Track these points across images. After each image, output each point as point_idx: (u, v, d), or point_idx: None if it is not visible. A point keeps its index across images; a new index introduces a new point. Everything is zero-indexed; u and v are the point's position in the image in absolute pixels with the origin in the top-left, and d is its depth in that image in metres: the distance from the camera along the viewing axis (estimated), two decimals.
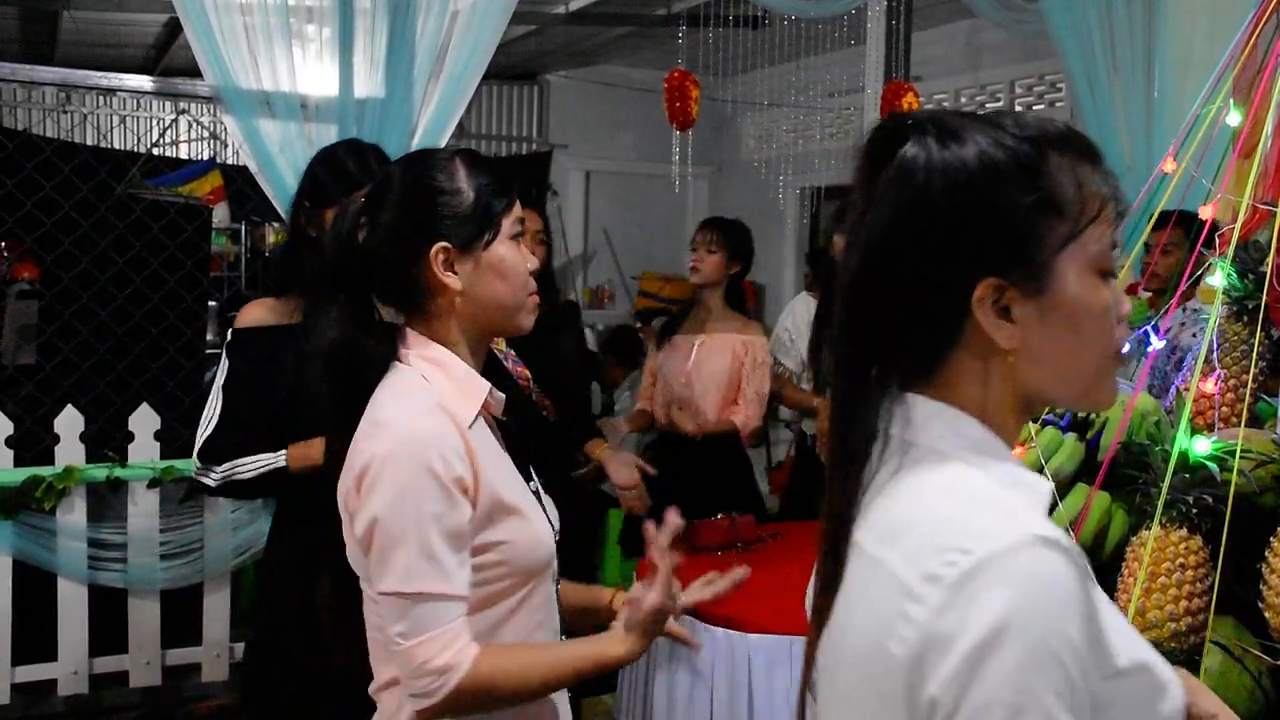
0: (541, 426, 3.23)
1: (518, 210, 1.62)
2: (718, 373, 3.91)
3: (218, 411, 2.33)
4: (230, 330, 2.40)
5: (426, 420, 1.49)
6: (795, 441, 4.16)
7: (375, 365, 1.55)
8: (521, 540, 1.55)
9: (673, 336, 4.01)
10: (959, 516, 0.93)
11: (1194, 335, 4.01)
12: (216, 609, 4.18)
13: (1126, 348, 1.90)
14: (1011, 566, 0.87)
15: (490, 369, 1.66)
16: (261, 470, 2.28)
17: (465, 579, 1.48)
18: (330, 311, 1.56)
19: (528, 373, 3.23)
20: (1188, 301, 3.83)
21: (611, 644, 1.63)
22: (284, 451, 2.28)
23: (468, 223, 1.56)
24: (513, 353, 3.21)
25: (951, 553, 0.89)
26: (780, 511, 4.10)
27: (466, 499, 1.48)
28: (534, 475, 1.70)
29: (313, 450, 2.19)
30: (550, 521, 1.67)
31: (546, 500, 1.70)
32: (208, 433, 2.32)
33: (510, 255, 1.60)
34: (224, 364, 2.38)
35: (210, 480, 2.31)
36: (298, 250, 2.39)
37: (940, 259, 0.96)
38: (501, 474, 1.57)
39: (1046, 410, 1.70)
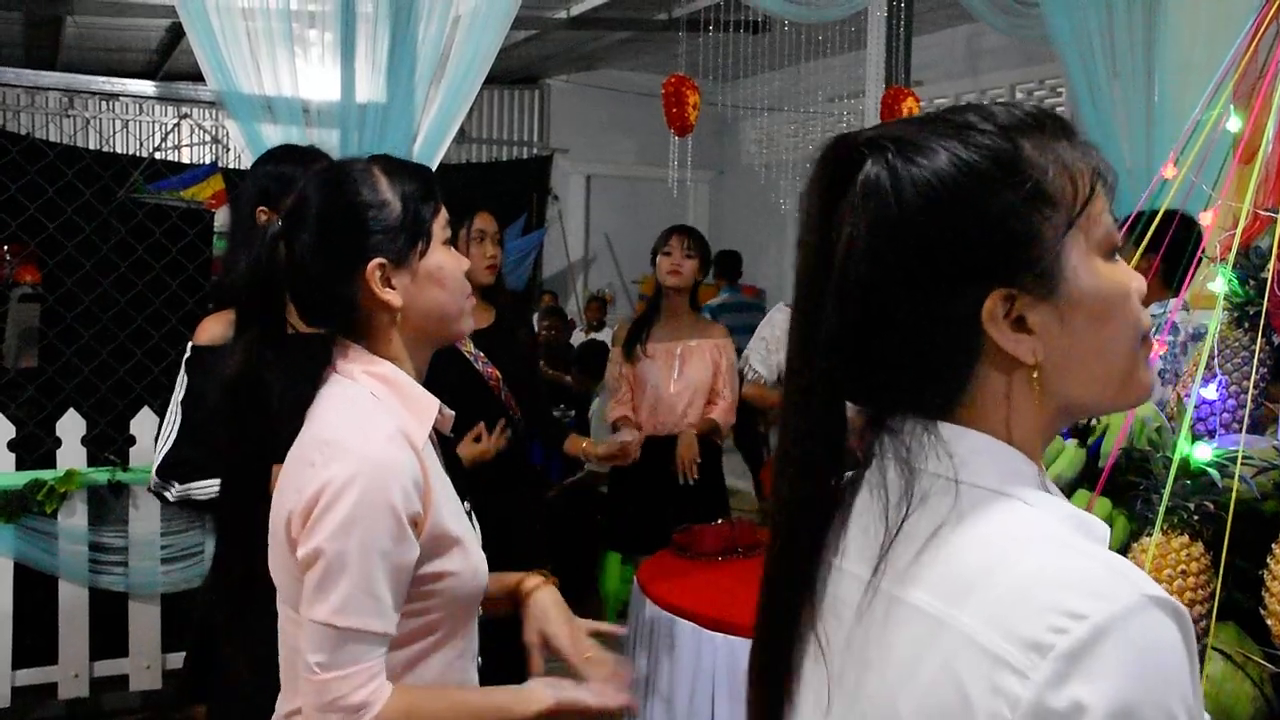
0: (517, 434, 3.29)
1: (445, 214, 1.57)
2: (702, 381, 4.01)
3: (176, 428, 2.33)
4: (189, 346, 2.37)
5: (388, 449, 1.42)
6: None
7: (279, 393, 1.48)
8: (462, 572, 1.50)
9: (644, 344, 4.01)
10: (1049, 572, 0.80)
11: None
12: None
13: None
14: (1130, 634, 0.75)
15: (464, 372, 1.64)
16: (214, 495, 2.20)
17: (395, 618, 1.43)
18: (239, 340, 1.48)
19: (498, 373, 3.27)
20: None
21: (525, 703, 1.53)
22: None
23: (400, 234, 1.50)
24: (482, 354, 3.25)
25: (1059, 616, 0.76)
26: None
27: (416, 536, 1.43)
28: (466, 494, 1.63)
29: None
30: (479, 543, 1.62)
31: (474, 521, 1.64)
32: (166, 448, 2.33)
33: (448, 262, 1.55)
34: (182, 380, 2.36)
35: (169, 495, 2.34)
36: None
37: (935, 281, 0.86)
38: (447, 501, 1.52)
39: (1085, 419, 1.69)
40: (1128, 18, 4.10)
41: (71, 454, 3.91)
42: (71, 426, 3.92)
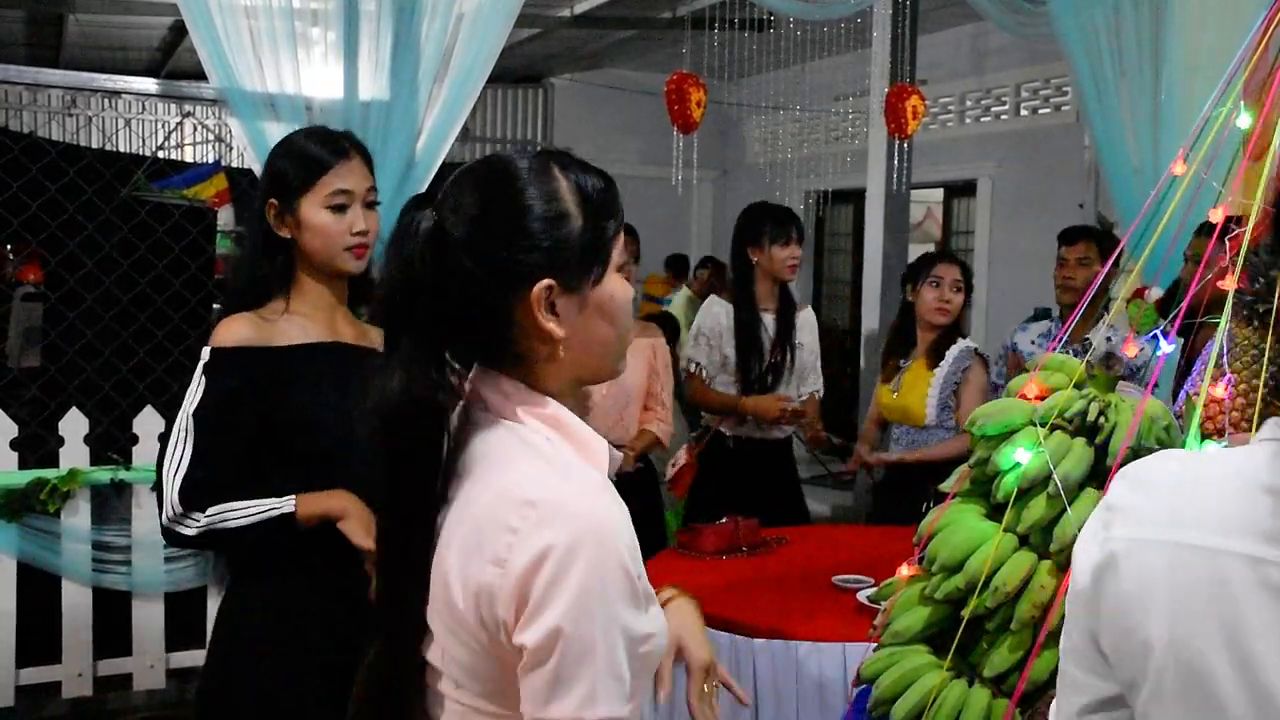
0: None
1: (623, 234, 1.31)
2: (637, 385, 3.84)
3: (190, 445, 2.04)
4: (206, 350, 2.10)
5: (605, 503, 1.19)
6: (710, 439, 4.17)
7: (450, 424, 1.26)
8: (659, 634, 1.25)
9: None
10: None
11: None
12: None
13: (1135, 351, 1.89)
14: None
15: None
16: (258, 518, 2.01)
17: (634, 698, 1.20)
18: (391, 357, 1.23)
19: None
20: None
21: None
22: (291, 498, 2.03)
23: (576, 254, 1.24)
24: None
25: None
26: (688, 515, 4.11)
27: (647, 605, 1.21)
28: None
29: (332, 502, 2.04)
30: None
31: None
32: (182, 470, 2.02)
33: (620, 292, 1.29)
34: (199, 388, 2.07)
35: (189, 529, 2.03)
36: (271, 255, 2.15)
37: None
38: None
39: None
40: (1134, 16, 4.09)
41: (74, 453, 3.91)
42: (74, 425, 3.91)
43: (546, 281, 1.21)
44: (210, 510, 2.01)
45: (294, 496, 2.03)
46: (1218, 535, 0.91)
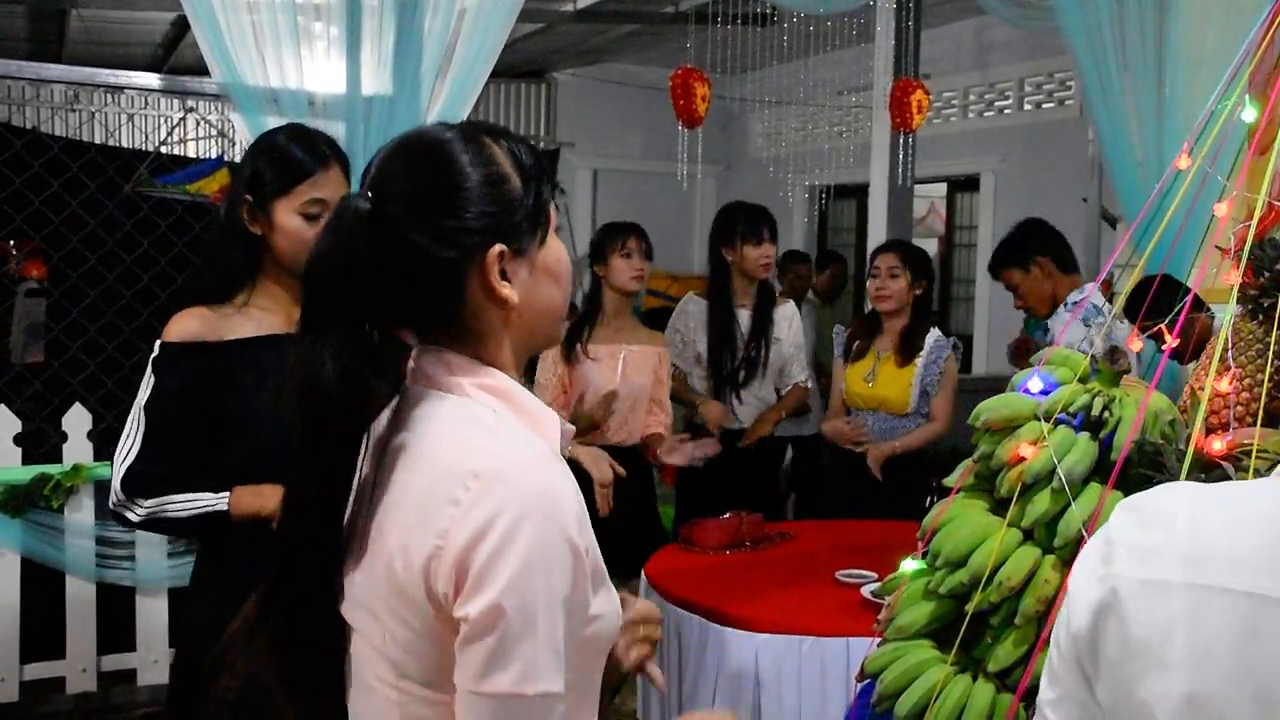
0: None
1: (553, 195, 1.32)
2: (644, 387, 3.88)
3: (140, 437, 2.09)
4: (158, 344, 2.15)
5: (551, 474, 1.15)
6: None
7: (383, 404, 1.26)
8: (609, 614, 1.22)
9: (584, 345, 3.86)
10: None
11: (1081, 320, 3.95)
12: None
13: (1138, 345, 1.88)
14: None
15: None
16: (196, 511, 2.06)
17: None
18: (321, 342, 1.19)
19: None
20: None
21: None
22: (226, 495, 2.07)
23: (522, 217, 1.23)
24: None
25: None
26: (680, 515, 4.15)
27: (590, 577, 1.17)
28: None
29: (264, 500, 2.04)
30: None
31: None
32: (129, 461, 2.08)
33: (562, 253, 1.29)
34: (148, 381, 2.12)
35: (133, 515, 2.08)
36: (240, 247, 2.17)
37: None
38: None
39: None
40: (1138, 10, 4.08)
41: (78, 448, 3.91)
42: (78, 421, 3.92)
43: (499, 247, 1.21)
44: (151, 501, 2.07)
45: (229, 493, 2.06)
46: (1246, 576, 0.82)
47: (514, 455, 1.16)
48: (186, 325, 2.13)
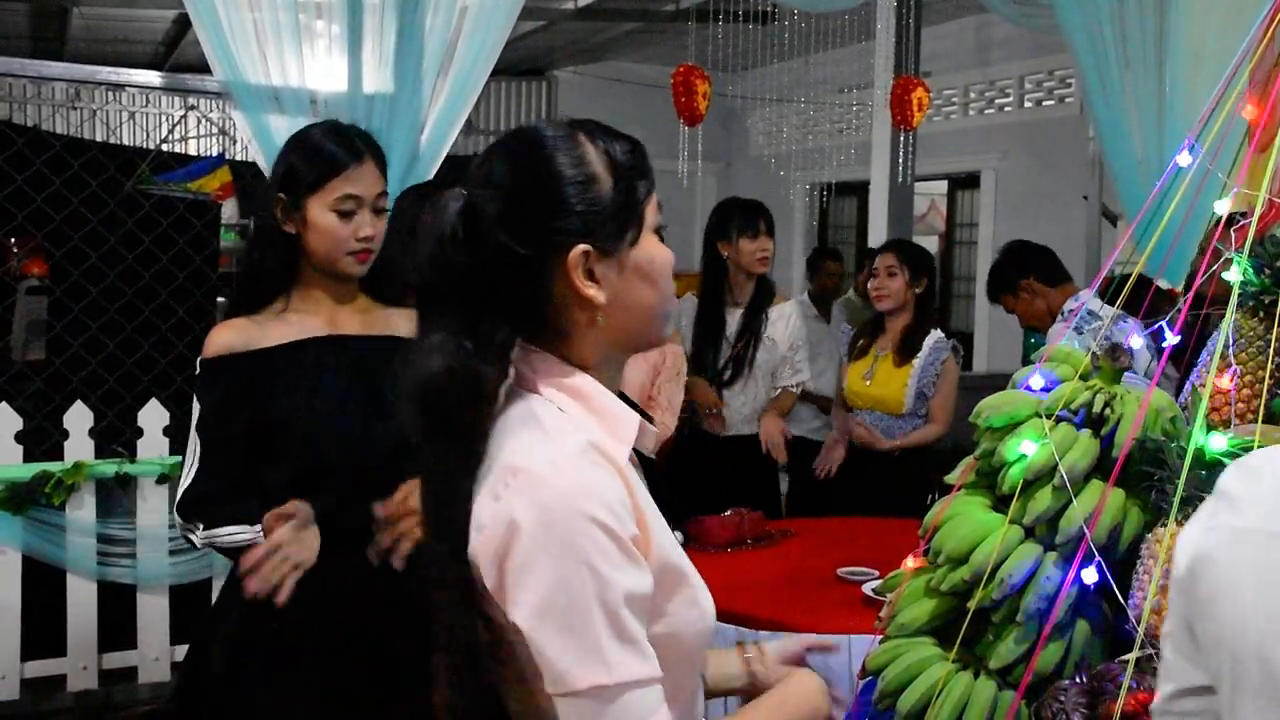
0: None
1: (655, 196, 1.30)
2: (641, 385, 3.82)
3: (196, 459, 2.10)
4: (198, 362, 2.14)
5: (582, 466, 1.16)
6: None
7: (496, 398, 1.24)
8: (688, 615, 1.24)
9: None
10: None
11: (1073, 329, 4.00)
12: None
13: (1140, 343, 1.89)
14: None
15: None
16: (238, 544, 2.04)
17: (654, 656, 1.16)
18: (427, 339, 1.21)
19: None
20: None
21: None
22: (259, 527, 2.03)
23: (609, 217, 1.23)
24: None
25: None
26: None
27: (644, 562, 1.17)
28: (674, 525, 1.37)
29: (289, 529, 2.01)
30: None
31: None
32: (186, 483, 2.10)
33: (659, 254, 1.28)
34: (195, 402, 2.12)
35: (195, 539, 2.10)
36: (275, 249, 2.14)
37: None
38: (663, 529, 1.26)
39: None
40: (1138, 7, 4.08)
41: (79, 446, 3.91)
42: (79, 418, 3.92)
43: (582, 247, 1.21)
44: (204, 533, 2.06)
45: (261, 525, 2.02)
46: None
47: (554, 453, 1.17)
48: (222, 338, 2.11)
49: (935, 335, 4.04)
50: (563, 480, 1.14)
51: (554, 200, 1.21)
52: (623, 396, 1.33)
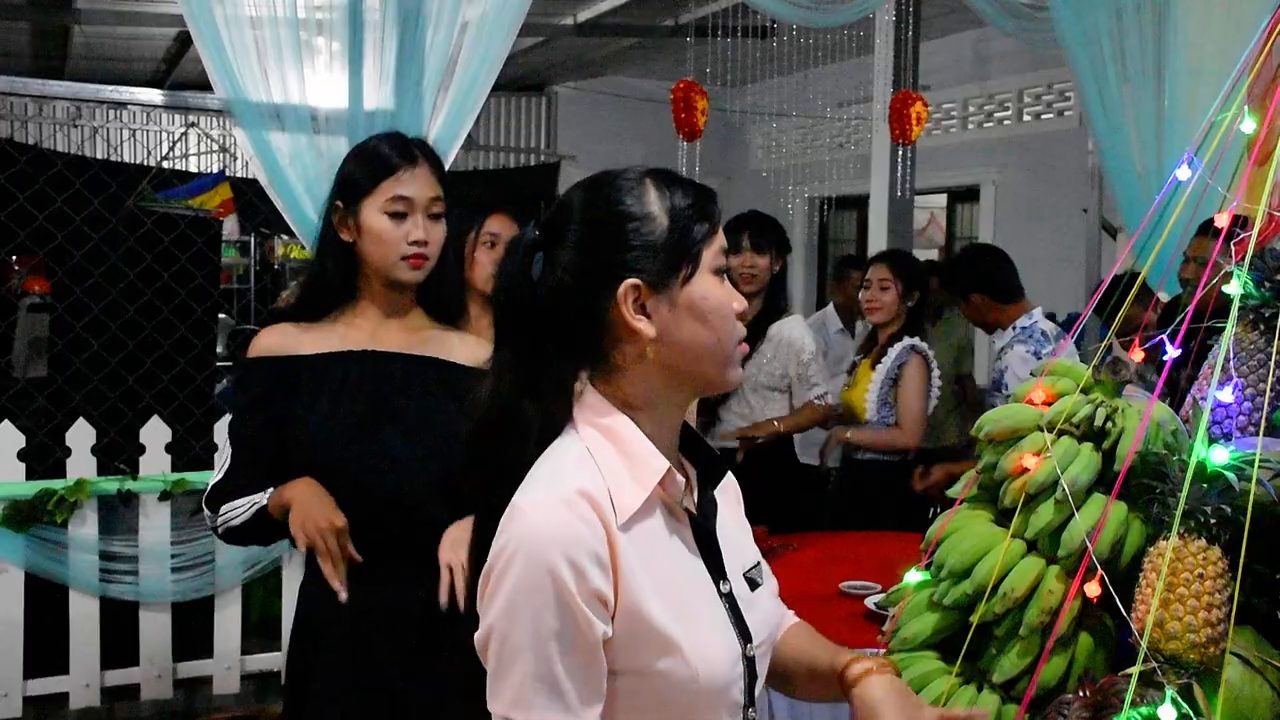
0: None
1: (721, 240, 1.34)
2: None
3: (229, 455, 2.15)
4: (242, 360, 2.20)
5: (558, 513, 1.21)
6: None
7: (536, 434, 1.30)
8: (675, 673, 1.25)
9: None
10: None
11: (1030, 353, 3.98)
12: (228, 622, 4.18)
13: (1140, 356, 1.89)
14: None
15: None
16: (247, 514, 2.09)
17: (596, 705, 1.23)
18: (495, 369, 1.31)
19: None
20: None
21: None
22: (268, 490, 2.08)
23: (661, 253, 1.29)
24: None
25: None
26: None
27: (602, 615, 1.21)
28: (728, 573, 1.38)
29: (289, 491, 2.05)
30: (745, 631, 1.36)
31: (751, 600, 1.40)
32: (217, 478, 2.15)
33: (714, 293, 1.31)
34: (234, 400, 2.24)
35: (218, 529, 2.15)
36: (334, 258, 2.15)
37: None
38: (664, 586, 1.27)
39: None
40: (1137, 21, 4.10)
41: (81, 463, 3.92)
42: (81, 436, 3.92)
43: (632, 281, 1.27)
44: (221, 512, 2.11)
45: (271, 489, 2.07)
46: None
47: (542, 491, 1.24)
48: (264, 340, 2.14)
49: (904, 342, 3.97)
50: (535, 522, 1.21)
51: (610, 235, 1.29)
52: (689, 432, 1.41)
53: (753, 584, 1.42)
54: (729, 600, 1.35)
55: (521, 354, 1.30)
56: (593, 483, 1.24)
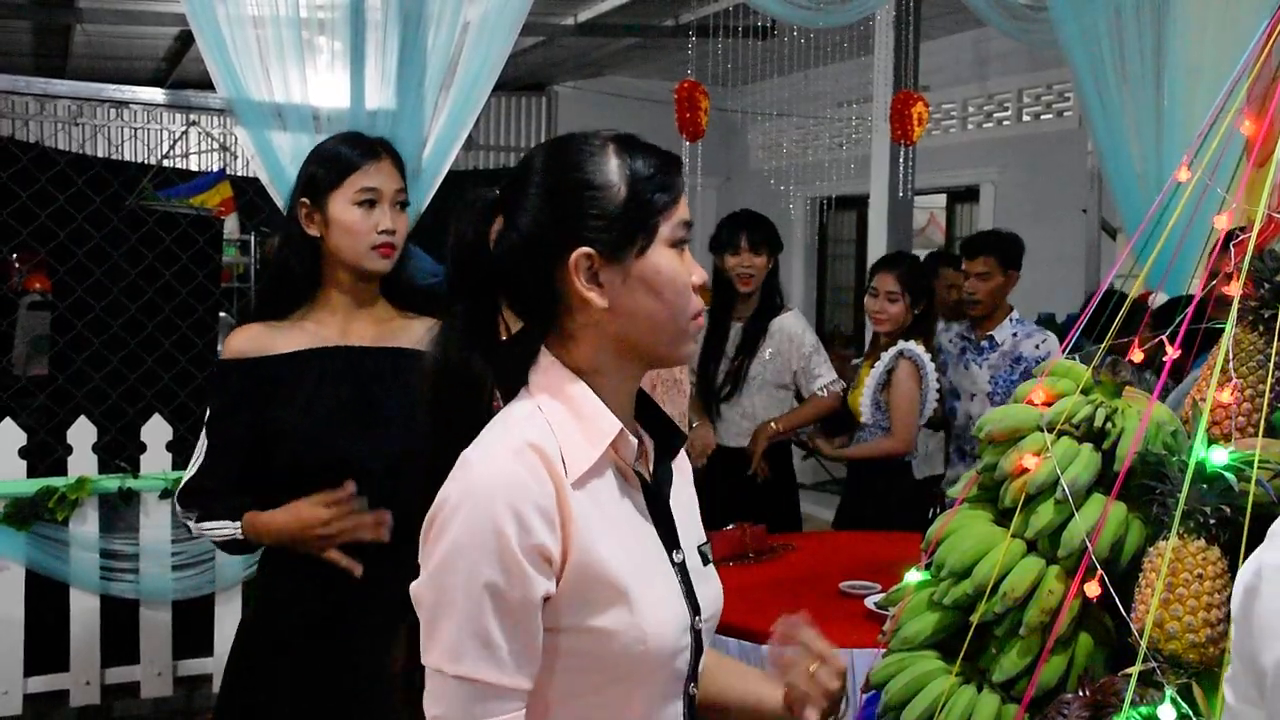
0: None
1: (683, 211, 1.31)
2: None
3: (204, 454, 2.20)
4: (215, 362, 2.28)
5: (505, 464, 1.20)
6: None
7: (488, 389, 1.30)
8: (623, 632, 1.24)
9: None
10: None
11: (1036, 346, 4.15)
12: (228, 620, 4.18)
13: (1141, 357, 1.90)
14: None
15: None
16: (223, 538, 2.17)
17: (529, 668, 1.21)
18: (446, 324, 1.30)
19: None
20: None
21: None
22: (239, 523, 2.14)
23: (616, 224, 1.26)
24: None
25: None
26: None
27: (545, 572, 1.20)
28: (682, 544, 1.37)
29: (273, 520, 2.10)
30: (694, 604, 1.35)
31: (703, 576, 1.39)
32: (190, 474, 2.20)
33: (668, 266, 1.29)
34: (208, 401, 2.25)
35: (191, 529, 2.22)
36: (299, 253, 2.19)
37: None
38: (617, 543, 1.26)
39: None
40: (1136, 22, 4.10)
41: (82, 461, 3.92)
42: (82, 434, 3.93)
43: (584, 250, 1.25)
44: (200, 526, 2.18)
45: (241, 520, 2.13)
46: None
47: (490, 444, 1.24)
48: (237, 342, 2.18)
49: (897, 345, 3.96)
50: (483, 473, 1.20)
51: (566, 202, 1.27)
52: (647, 401, 1.39)
53: (705, 558, 1.41)
54: (681, 570, 1.34)
55: (471, 310, 1.29)
56: (543, 438, 1.24)
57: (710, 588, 1.40)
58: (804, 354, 4.15)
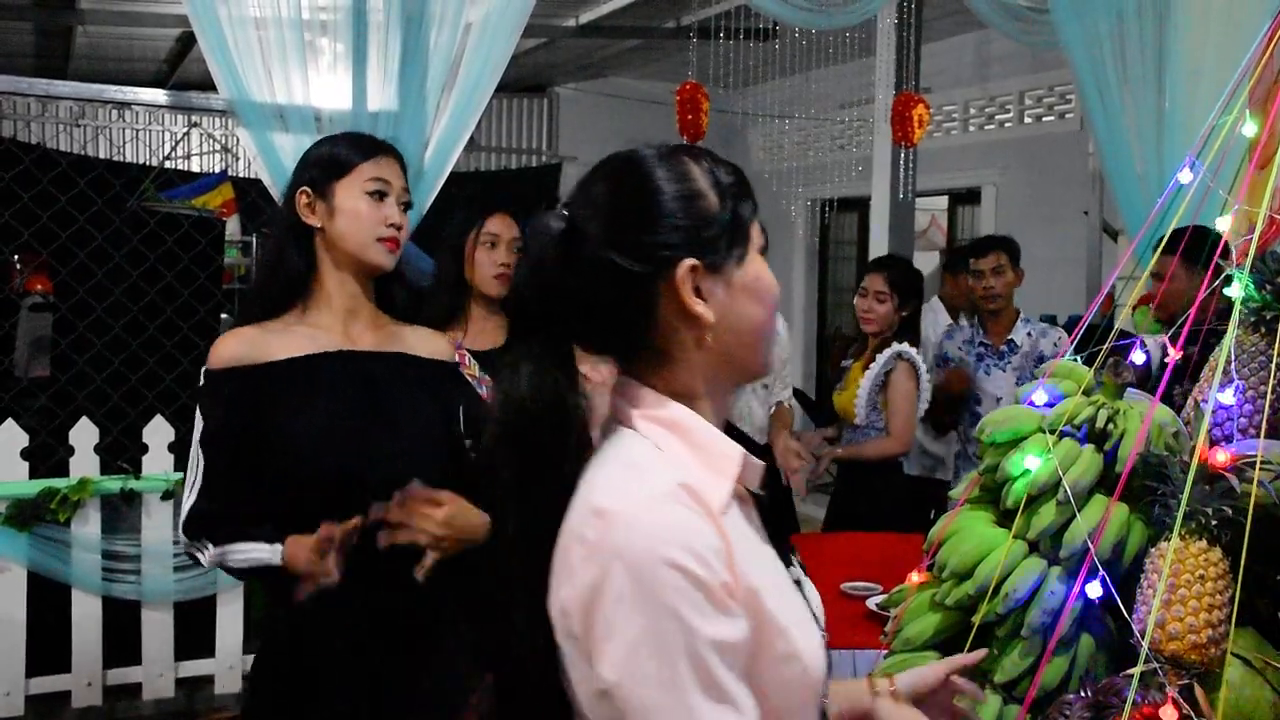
0: None
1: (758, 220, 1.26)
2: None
3: (200, 475, 2.02)
4: (202, 372, 2.05)
5: (669, 510, 1.08)
6: None
7: (577, 428, 1.18)
8: (786, 673, 1.15)
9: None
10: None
11: (1054, 344, 4.21)
12: (230, 621, 4.19)
13: (1143, 359, 1.90)
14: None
15: (470, 403, 1.29)
16: (253, 564, 1.97)
17: (753, 704, 1.08)
18: (520, 360, 1.17)
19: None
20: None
21: None
22: (279, 546, 1.95)
23: (718, 233, 1.18)
24: (488, 379, 2.86)
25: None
26: None
27: (739, 610, 1.09)
28: (793, 559, 1.30)
29: (301, 558, 1.91)
30: (815, 617, 1.27)
31: (809, 588, 1.31)
32: (191, 500, 2.02)
33: (766, 272, 1.23)
34: (197, 415, 2.04)
35: (203, 559, 2.02)
36: (296, 244, 2.08)
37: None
38: (762, 571, 1.16)
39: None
40: (1138, 24, 4.09)
41: (84, 462, 3.92)
42: (84, 435, 3.93)
43: (690, 261, 1.15)
44: (214, 549, 2.00)
45: (282, 545, 1.96)
46: None
47: (642, 495, 1.10)
48: (228, 349, 2.03)
49: (893, 347, 3.96)
50: (649, 525, 1.07)
51: (660, 214, 1.16)
52: (732, 429, 1.26)
53: (802, 566, 1.34)
54: (799, 586, 1.27)
55: (552, 341, 1.17)
56: (684, 475, 1.12)
57: (815, 595, 1.32)
58: (782, 359, 4.29)
